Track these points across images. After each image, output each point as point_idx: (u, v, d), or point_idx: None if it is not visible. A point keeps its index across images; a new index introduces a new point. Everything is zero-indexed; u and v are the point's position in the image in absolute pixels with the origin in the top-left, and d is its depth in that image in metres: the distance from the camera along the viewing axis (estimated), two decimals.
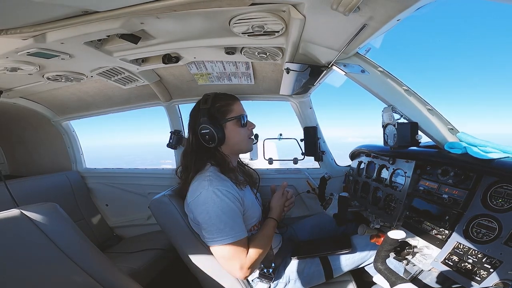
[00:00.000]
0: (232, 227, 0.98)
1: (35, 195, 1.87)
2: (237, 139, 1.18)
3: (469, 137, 1.01)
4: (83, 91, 1.82)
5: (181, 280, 1.69)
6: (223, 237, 0.97)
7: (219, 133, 1.11)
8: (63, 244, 0.77)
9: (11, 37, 0.87)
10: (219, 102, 1.16)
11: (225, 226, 0.97)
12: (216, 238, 0.98)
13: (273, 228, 1.17)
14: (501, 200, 0.83)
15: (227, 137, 1.15)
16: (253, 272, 1.06)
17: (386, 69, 1.06)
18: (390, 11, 0.68)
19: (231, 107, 1.17)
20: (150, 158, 71.77)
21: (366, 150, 1.64)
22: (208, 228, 0.99)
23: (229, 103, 1.18)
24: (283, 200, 1.26)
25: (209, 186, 1.00)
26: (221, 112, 1.15)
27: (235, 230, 0.99)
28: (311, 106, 1.86)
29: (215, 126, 1.11)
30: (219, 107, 1.15)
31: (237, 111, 1.18)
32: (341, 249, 1.26)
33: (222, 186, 1.02)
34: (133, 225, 2.27)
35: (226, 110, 1.16)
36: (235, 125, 1.16)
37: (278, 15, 0.84)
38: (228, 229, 0.97)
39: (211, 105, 1.14)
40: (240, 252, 0.99)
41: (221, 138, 1.13)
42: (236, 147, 1.20)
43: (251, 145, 1.26)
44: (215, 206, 0.98)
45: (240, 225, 1.02)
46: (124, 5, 0.74)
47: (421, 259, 1.02)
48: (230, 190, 1.03)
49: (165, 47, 1.14)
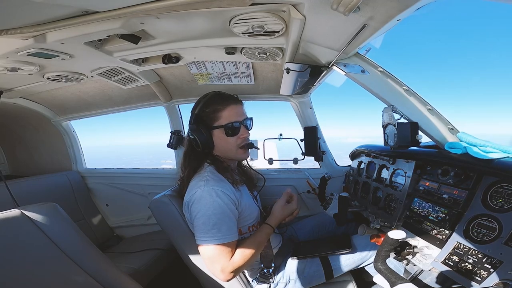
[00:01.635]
0: (219, 229, 0.97)
1: (35, 195, 1.87)
2: (224, 148, 1.14)
3: (469, 137, 1.01)
4: (83, 91, 1.82)
5: (181, 280, 1.69)
6: (209, 237, 0.96)
7: (203, 139, 1.09)
8: (63, 244, 0.77)
9: (11, 37, 0.87)
10: (209, 107, 1.12)
11: (212, 227, 0.96)
12: (202, 237, 0.97)
13: (267, 235, 1.11)
14: (501, 200, 0.83)
15: (216, 144, 1.12)
16: (236, 275, 1.03)
17: (386, 69, 1.06)
18: (390, 11, 0.68)
19: (219, 113, 1.11)
20: (149, 159, 71.61)
21: (366, 150, 1.64)
22: (197, 226, 0.99)
23: (219, 109, 1.11)
24: (287, 212, 1.17)
25: (205, 186, 1.00)
26: (209, 119, 1.11)
27: (222, 232, 0.97)
28: (311, 106, 1.86)
29: (202, 133, 1.09)
30: (208, 113, 1.11)
31: (226, 118, 1.11)
32: (341, 249, 1.26)
33: (218, 187, 1.01)
34: (133, 225, 2.28)
35: (213, 117, 1.11)
36: (222, 133, 1.11)
37: (278, 15, 0.84)
38: (215, 231, 0.96)
39: (200, 111, 1.12)
40: (224, 255, 0.97)
41: (208, 145, 1.11)
42: (225, 155, 1.16)
43: (244, 155, 1.19)
44: (206, 206, 0.98)
45: (230, 228, 1.00)
46: (124, 5, 0.74)
47: (421, 259, 1.02)
48: (226, 191, 1.02)
49: (165, 47, 1.14)
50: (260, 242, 1.08)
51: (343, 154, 2.98)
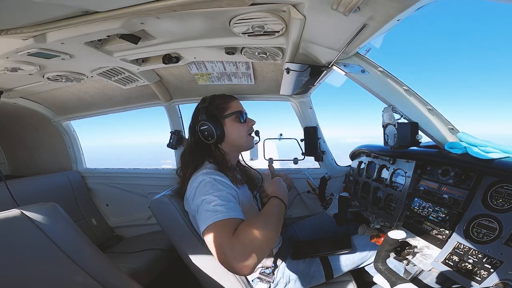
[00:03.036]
0: (221, 209, 0.87)
1: (36, 195, 1.87)
2: (236, 135, 1.17)
3: (470, 137, 1.01)
4: (83, 91, 1.82)
5: (181, 280, 1.69)
6: (212, 215, 0.85)
7: (218, 129, 1.12)
8: (63, 244, 0.77)
9: (11, 37, 0.87)
10: (217, 100, 1.19)
11: (214, 211, 0.87)
12: (205, 223, 0.85)
13: (277, 207, 0.97)
14: (501, 200, 0.83)
15: (226, 134, 1.15)
16: (253, 264, 0.79)
17: (386, 69, 1.06)
18: (390, 11, 0.68)
19: (229, 104, 1.19)
20: (149, 159, 71.54)
21: (366, 150, 1.64)
22: (200, 215, 0.90)
23: (227, 101, 1.20)
24: (278, 181, 1.10)
25: (204, 175, 1.00)
26: (219, 109, 1.17)
27: (223, 211, 0.86)
28: (311, 106, 1.86)
29: (213, 122, 1.12)
30: (218, 105, 1.18)
31: (235, 107, 1.20)
32: (341, 249, 1.25)
33: (218, 176, 1.00)
34: (134, 225, 2.28)
35: (224, 107, 1.18)
36: (234, 121, 1.17)
37: (278, 15, 0.84)
38: (217, 212, 0.86)
39: (209, 103, 1.17)
40: (228, 230, 0.82)
41: (220, 134, 1.13)
42: (236, 143, 1.19)
43: (252, 143, 1.25)
44: (209, 191, 0.92)
45: (234, 206, 0.91)
46: (124, 5, 0.74)
47: (421, 259, 1.02)
48: (225, 181, 1.01)
49: (165, 47, 1.14)
50: (272, 215, 0.94)
51: (342, 154, 2.98)
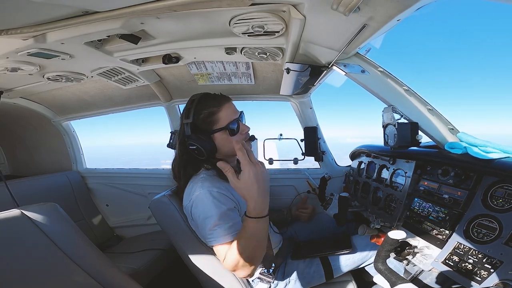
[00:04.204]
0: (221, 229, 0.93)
1: (36, 195, 1.87)
2: (228, 148, 1.08)
3: (470, 137, 1.01)
4: (83, 91, 1.82)
5: (181, 280, 1.69)
6: (214, 238, 0.94)
7: (207, 146, 1.04)
8: (63, 244, 0.77)
9: (11, 37, 0.87)
10: (202, 112, 1.05)
11: (214, 227, 0.93)
12: (215, 237, 0.94)
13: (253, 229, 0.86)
14: (501, 200, 0.83)
15: (218, 147, 1.07)
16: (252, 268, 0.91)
17: (386, 69, 1.06)
18: (390, 11, 0.68)
19: (216, 116, 1.05)
20: (148, 159, 71.36)
21: (366, 150, 1.64)
22: (202, 230, 0.98)
23: (214, 111, 1.05)
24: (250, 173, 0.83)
25: (201, 189, 0.98)
26: (206, 124, 1.05)
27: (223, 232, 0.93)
28: (311, 106, 1.86)
29: (202, 140, 1.03)
30: (204, 118, 1.05)
31: (224, 118, 1.06)
32: (341, 249, 1.26)
33: (213, 188, 0.98)
34: (133, 225, 2.27)
35: (211, 121, 1.05)
36: (224, 134, 1.06)
37: (278, 15, 0.84)
38: (219, 230, 0.93)
39: (194, 118, 1.05)
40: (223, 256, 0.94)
41: (211, 149, 1.06)
42: (230, 154, 1.11)
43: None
44: (206, 209, 0.95)
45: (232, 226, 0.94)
46: (124, 5, 0.74)
47: (421, 259, 1.02)
48: (222, 192, 0.99)
49: (165, 47, 1.14)
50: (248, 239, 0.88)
51: (342, 154, 2.98)
